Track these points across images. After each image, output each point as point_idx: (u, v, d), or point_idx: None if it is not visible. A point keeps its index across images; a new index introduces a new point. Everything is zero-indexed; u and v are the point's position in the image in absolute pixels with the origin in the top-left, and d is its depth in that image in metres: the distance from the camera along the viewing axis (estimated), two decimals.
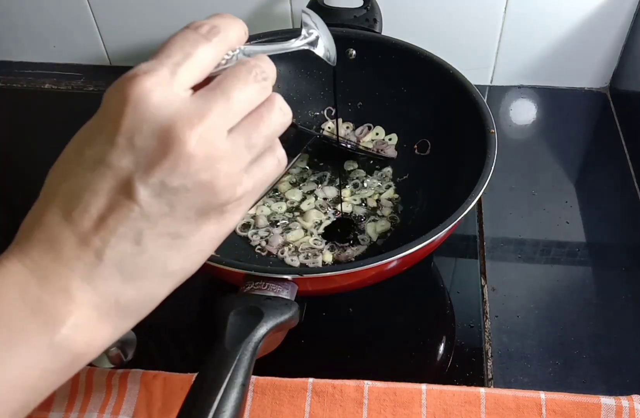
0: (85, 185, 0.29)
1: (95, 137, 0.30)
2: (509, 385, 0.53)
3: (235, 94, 0.30)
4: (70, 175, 0.30)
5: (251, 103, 0.32)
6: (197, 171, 0.29)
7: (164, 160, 0.28)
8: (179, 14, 0.81)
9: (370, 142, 0.71)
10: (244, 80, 0.31)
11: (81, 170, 0.30)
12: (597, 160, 0.75)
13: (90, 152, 0.29)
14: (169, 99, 0.29)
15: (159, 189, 0.29)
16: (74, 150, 0.31)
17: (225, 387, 0.38)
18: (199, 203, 0.30)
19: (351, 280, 0.50)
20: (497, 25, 0.78)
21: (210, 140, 0.29)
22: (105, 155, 0.29)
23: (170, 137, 0.28)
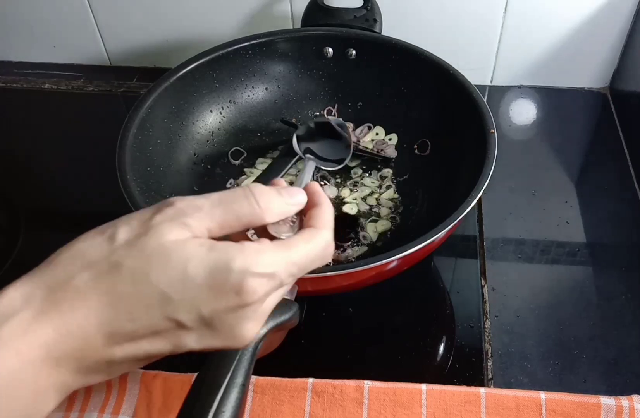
0: (150, 321, 0.30)
1: (191, 297, 0.30)
2: (509, 385, 0.53)
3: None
4: (148, 301, 0.29)
5: None
6: (236, 348, 0.34)
7: (220, 349, 0.32)
8: (179, 14, 0.81)
9: (370, 142, 0.71)
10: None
11: (156, 308, 0.29)
12: (597, 160, 0.75)
13: (181, 305, 0.30)
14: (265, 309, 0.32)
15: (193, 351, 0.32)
16: (164, 286, 0.29)
17: (225, 387, 0.38)
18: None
19: (351, 280, 0.50)
20: (497, 25, 0.78)
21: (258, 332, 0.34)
22: (186, 317, 0.30)
23: (238, 338, 0.32)
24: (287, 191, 0.34)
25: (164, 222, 0.30)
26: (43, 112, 0.84)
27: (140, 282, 0.29)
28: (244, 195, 0.32)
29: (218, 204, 0.31)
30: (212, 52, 0.66)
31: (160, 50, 0.87)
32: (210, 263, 0.29)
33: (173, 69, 0.65)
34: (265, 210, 0.32)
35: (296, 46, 0.70)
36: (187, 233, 0.30)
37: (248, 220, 0.32)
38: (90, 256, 0.30)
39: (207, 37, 0.83)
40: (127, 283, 0.29)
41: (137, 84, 0.86)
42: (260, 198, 0.32)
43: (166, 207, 0.31)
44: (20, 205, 0.72)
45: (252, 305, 0.31)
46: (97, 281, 0.29)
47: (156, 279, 0.29)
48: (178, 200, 0.32)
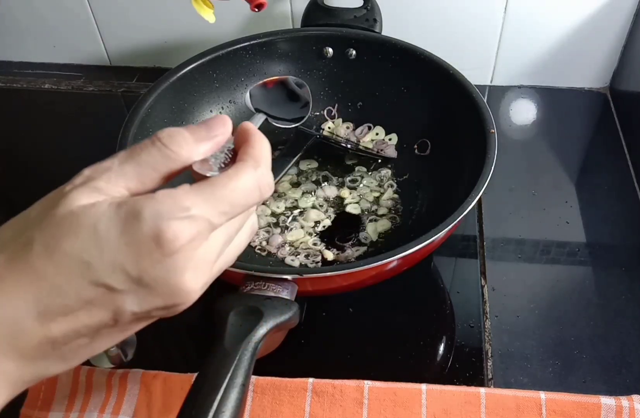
0: (76, 291, 0.28)
1: (111, 254, 0.28)
2: (509, 385, 0.53)
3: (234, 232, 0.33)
4: (65, 271, 0.28)
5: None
6: (180, 307, 0.30)
7: (161, 304, 0.29)
8: (178, 14, 0.81)
9: (370, 142, 0.71)
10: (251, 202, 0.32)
11: (81, 275, 0.28)
12: (597, 160, 0.75)
13: (100, 265, 0.28)
14: (196, 255, 0.29)
15: (142, 316, 0.30)
16: (80, 249, 0.28)
17: (225, 387, 0.38)
18: (161, 315, 0.31)
19: (351, 280, 0.50)
20: (497, 25, 0.78)
21: (206, 285, 0.31)
22: (114, 279, 0.28)
23: (177, 290, 0.29)
24: (205, 124, 0.32)
25: (72, 190, 0.29)
26: (43, 112, 0.85)
27: (53, 253, 0.27)
28: (151, 143, 0.30)
29: (126, 159, 0.30)
30: (212, 52, 0.66)
31: (160, 50, 0.87)
32: (121, 217, 0.28)
33: (173, 69, 0.65)
34: (179, 151, 0.30)
35: (296, 46, 0.70)
36: (98, 196, 0.29)
37: (167, 167, 0.30)
38: (5, 238, 0.29)
39: (207, 37, 0.83)
40: (41, 258, 0.28)
41: (137, 84, 0.86)
42: (169, 141, 0.30)
43: (75, 178, 0.30)
44: (20, 205, 0.71)
45: (181, 253, 0.28)
46: (13, 262, 0.28)
47: (69, 246, 0.27)
48: (87, 168, 0.30)
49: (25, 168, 0.77)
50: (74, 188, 0.29)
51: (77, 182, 0.29)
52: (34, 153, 0.78)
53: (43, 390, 0.52)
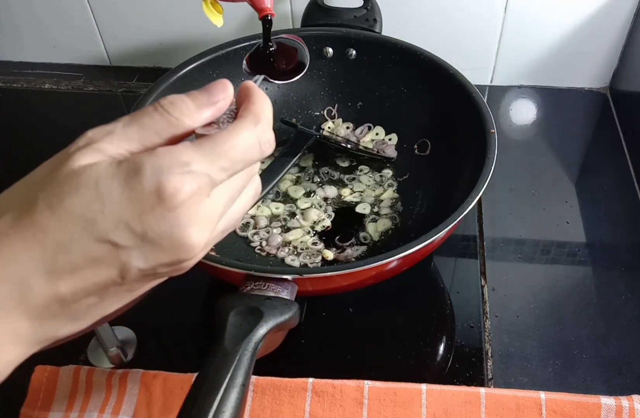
0: (82, 248, 0.28)
1: (114, 210, 0.28)
2: (509, 385, 0.53)
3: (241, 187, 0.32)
4: (70, 230, 0.28)
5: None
6: (187, 263, 0.30)
7: (167, 260, 0.29)
8: (178, 14, 0.81)
9: (370, 142, 0.71)
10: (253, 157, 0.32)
11: (85, 232, 0.28)
12: (597, 160, 0.75)
13: (103, 223, 0.28)
14: (198, 208, 0.29)
15: (148, 273, 0.30)
16: (83, 205, 0.28)
17: (225, 387, 0.38)
18: (167, 272, 0.31)
19: (351, 280, 0.50)
20: (497, 25, 0.78)
21: (210, 242, 0.31)
22: (117, 235, 0.28)
23: (182, 245, 0.29)
24: (205, 89, 0.33)
25: (75, 152, 0.29)
26: (43, 112, 0.85)
27: (57, 210, 0.28)
28: (154, 109, 0.31)
29: (129, 123, 0.30)
30: (212, 52, 0.67)
31: (160, 50, 0.87)
32: (122, 174, 0.28)
33: (173, 69, 0.65)
34: (181, 116, 0.31)
35: None
36: (101, 156, 0.29)
37: (169, 133, 0.30)
38: (11, 199, 0.30)
39: (207, 37, 0.83)
40: (45, 216, 0.28)
41: (137, 84, 0.86)
42: (171, 108, 0.31)
43: (79, 139, 0.30)
44: None
45: (183, 207, 0.28)
46: (18, 221, 0.28)
47: (71, 204, 0.28)
48: (90, 130, 0.31)
49: (25, 168, 0.76)
50: (77, 149, 0.29)
51: (81, 143, 0.30)
52: (34, 153, 0.78)
53: (43, 390, 0.52)
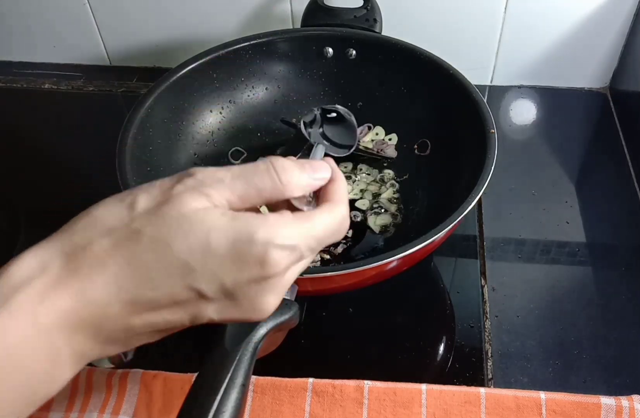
0: (171, 290, 0.29)
1: (209, 267, 0.29)
2: (509, 385, 0.53)
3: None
4: (169, 270, 0.29)
5: None
6: (254, 320, 0.33)
7: (239, 320, 0.32)
8: (178, 14, 0.81)
9: (370, 142, 0.71)
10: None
11: (181, 277, 0.29)
12: (597, 160, 0.75)
13: (203, 277, 0.29)
14: (286, 280, 0.32)
15: (213, 323, 0.32)
16: (188, 257, 0.29)
17: (225, 387, 0.38)
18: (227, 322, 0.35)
19: (351, 280, 0.50)
20: (497, 25, 0.78)
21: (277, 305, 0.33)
22: (208, 287, 0.29)
23: (258, 311, 0.32)
24: (311, 165, 0.34)
25: (185, 191, 0.30)
26: (43, 112, 0.84)
27: (161, 250, 0.28)
28: (266, 169, 0.32)
29: (239, 176, 0.31)
30: (212, 52, 0.66)
31: (160, 50, 0.87)
32: (234, 233, 0.29)
33: (173, 69, 0.65)
34: (287, 184, 0.32)
35: (296, 46, 0.70)
36: (207, 203, 0.30)
37: (269, 195, 0.32)
38: (109, 223, 0.30)
39: (207, 37, 0.83)
40: (147, 252, 0.28)
41: (137, 84, 0.86)
42: (282, 172, 0.32)
43: (187, 178, 0.31)
44: (20, 205, 0.72)
45: (274, 278, 0.30)
46: (117, 248, 0.29)
47: (178, 248, 0.28)
48: (199, 171, 0.31)
49: (25, 168, 0.77)
50: (186, 190, 0.30)
51: (189, 183, 0.31)
52: (33, 153, 0.78)
53: None
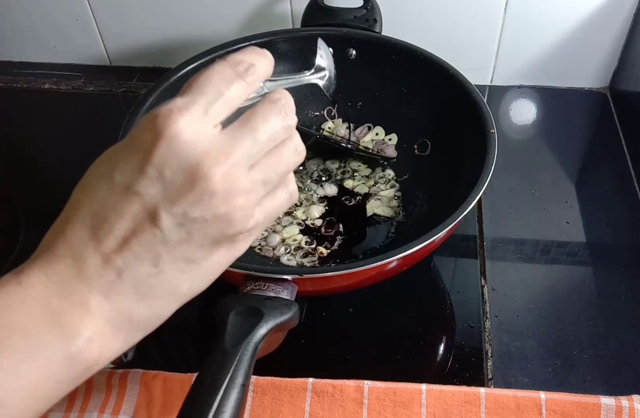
0: (112, 208, 0.31)
1: (125, 163, 0.31)
2: (509, 385, 0.53)
3: (262, 133, 0.33)
4: (98, 197, 0.31)
5: (275, 141, 0.34)
6: (217, 205, 0.31)
7: (189, 194, 0.31)
8: (178, 14, 0.81)
9: (370, 142, 0.71)
10: (273, 119, 0.33)
11: (109, 193, 0.31)
12: (597, 160, 0.75)
13: (120, 177, 0.31)
14: (200, 137, 0.31)
15: (181, 218, 0.31)
16: (102, 173, 0.32)
17: (225, 387, 0.38)
18: (214, 233, 0.32)
19: (351, 280, 0.50)
20: (497, 25, 0.78)
21: (233, 178, 0.31)
22: (135, 182, 0.31)
23: (197, 173, 0.30)
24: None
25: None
26: (43, 112, 0.84)
27: (85, 184, 0.33)
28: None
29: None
30: (212, 52, 0.66)
31: (160, 50, 0.87)
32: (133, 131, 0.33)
33: (173, 69, 0.65)
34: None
35: (296, 46, 0.69)
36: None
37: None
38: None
39: (207, 37, 0.83)
40: (79, 195, 0.33)
41: (137, 84, 0.86)
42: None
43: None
44: (20, 205, 0.72)
45: (181, 137, 0.31)
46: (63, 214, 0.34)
47: (94, 168, 0.33)
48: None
49: (25, 168, 0.77)
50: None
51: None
52: (34, 153, 0.78)
53: None
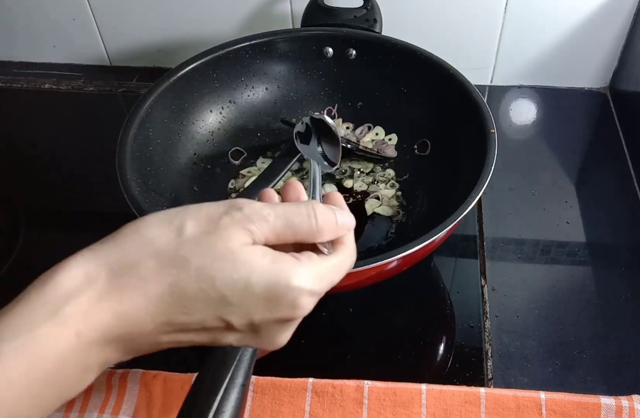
0: (203, 318, 0.31)
1: (254, 304, 0.31)
2: (509, 385, 0.53)
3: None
4: (207, 300, 0.31)
5: None
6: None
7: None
8: (178, 14, 0.81)
9: (370, 142, 0.71)
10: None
11: (216, 308, 0.31)
12: (597, 160, 0.75)
13: (237, 308, 0.31)
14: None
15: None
16: (234, 292, 0.31)
17: (225, 387, 0.38)
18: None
19: (351, 280, 0.50)
20: (497, 25, 0.78)
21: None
22: (239, 322, 0.31)
23: (272, 346, 0.34)
24: (340, 214, 0.35)
25: (232, 225, 0.31)
26: (43, 112, 0.84)
27: (204, 281, 0.30)
28: (307, 214, 0.33)
29: (281, 216, 0.33)
30: (212, 52, 0.67)
31: (160, 50, 0.87)
32: (272, 277, 0.31)
33: (173, 69, 0.65)
34: (321, 231, 0.34)
35: (296, 46, 0.70)
36: (249, 239, 0.31)
37: (303, 237, 0.33)
38: (158, 245, 0.31)
39: (207, 37, 0.83)
40: (191, 280, 0.30)
41: (137, 84, 0.86)
42: (320, 219, 0.34)
43: (235, 211, 0.32)
44: (20, 205, 0.72)
45: (298, 319, 0.33)
46: (162, 271, 0.30)
47: (220, 283, 0.30)
48: (246, 205, 0.33)
49: (25, 168, 0.77)
50: (233, 223, 0.31)
51: (236, 217, 0.32)
52: (34, 153, 0.78)
53: None
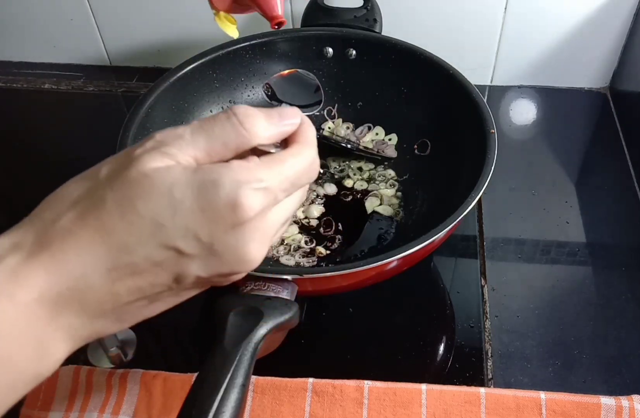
0: (147, 252, 0.29)
1: (190, 218, 0.29)
2: (509, 385, 0.53)
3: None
4: (140, 231, 0.28)
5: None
6: (243, 273, 0.32)
7: (227, 275, 0.31)
8: (178, 14, 0.81)
9: (370, 142, 0.71)
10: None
11: (153, 236, 0.28)
12: (597, 160, 0.75)
13: (173, 230, 0.29)
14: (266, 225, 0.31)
15: (202, 283, 0.31)
16: (157, 213, 0.28)
17: (225, 387, 0.38)
18: (218, 282, 0.32)
19: (351, 281, 0.50)
20: (497, 25, 0.78)
21: (264, 255, 0.31)
22: (187, 244, 0.29)
23: (243, 262, 0.30)
24: (279, 112, 0.33)
25: (144, 153, 0.29)
26: (43, 112, 0.85)
27: (127, 213, 0.28)
28: (227, 118, 0.30)
29: (199, 130, 0.30)
30: (212, 52, 0.66)
31: (160, 50, 0.87)
32: (197, 183, 0.28)
33: (173, 69, 0.65)
34: (252, 131, 0.30)
35: (296, 46, 0.70)
36: (169, 161, 0.29)
37: (235, 145, 0.30)
38: (74, 195, 0.30)
39: (207, 37, 0.83)
40: (114, 216, 0.28)
41: (137, 84, 0.86)
42: (245, 119, 0.30)
43: (147, 141, 0.30)
44: (20, 205, 0.72)
45: (251, 222, 0.29)
46: (84, 217, 0.28)
47: (143, 208, 0.28)
48: (158, 132, 0.31)
49: (25, 168, 0.77)
50: (145, 151, 0.29)
51: (148, 145, 0.30)
52: (34, 153, 0.78)
53: (43, 390, 0.52)
